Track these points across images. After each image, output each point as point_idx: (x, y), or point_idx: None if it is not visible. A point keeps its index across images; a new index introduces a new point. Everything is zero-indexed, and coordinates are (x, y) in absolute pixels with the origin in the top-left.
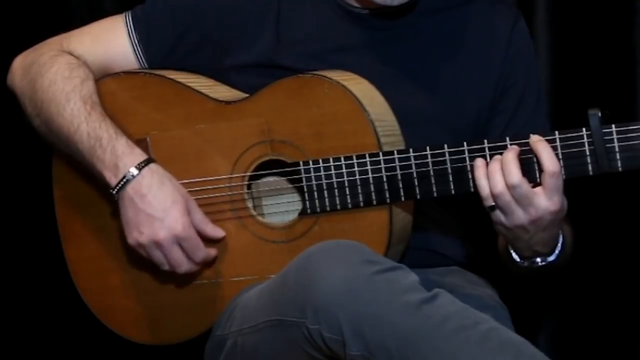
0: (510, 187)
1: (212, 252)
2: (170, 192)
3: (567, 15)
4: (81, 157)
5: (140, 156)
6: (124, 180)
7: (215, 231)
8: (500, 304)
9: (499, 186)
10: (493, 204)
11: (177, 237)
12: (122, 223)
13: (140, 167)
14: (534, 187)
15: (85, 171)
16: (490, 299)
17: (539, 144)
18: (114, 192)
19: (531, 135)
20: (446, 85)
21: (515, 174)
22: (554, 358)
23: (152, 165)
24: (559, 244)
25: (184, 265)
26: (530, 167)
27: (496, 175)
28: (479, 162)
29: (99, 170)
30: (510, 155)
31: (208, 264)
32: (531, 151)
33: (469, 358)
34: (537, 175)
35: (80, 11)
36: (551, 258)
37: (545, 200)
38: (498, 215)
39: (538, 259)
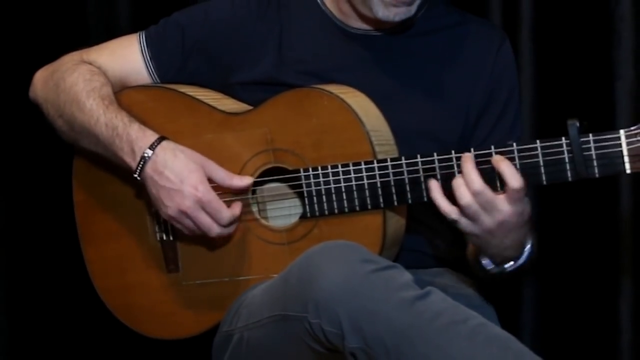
0: (475, 194)
1: (237, 210)
2: (185, 164)
3: (550, 32)
4: (103, 148)
5: (152, 137)
6: (142, 162)
7: (243, 180)
8: (487, 303)
9: (466, 198)
10: (454, 217)
11: (199, 202)
12: (150, 202)
13: (153, 147)
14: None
15: (102, 177)
16: (478, 298)
17: (501, 163)
18: (136, 175)
19: (493, 154)
20: (436, 101)
21: (477, 182)
22: (537, 353)
23: (163, 143)
24: (528, 246)
25: (213, 228)
26: (492, 176)
27: (460, 188)
28: (433, 184)
29: (120, 158)
30: (470, 166)
31: (216, 264)
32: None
33: (459, 351)
34: (498, 185)
35: (97, 31)
36: (520, 261)
37: (508, 204)
38: (466, 224)
39: (506, 265)
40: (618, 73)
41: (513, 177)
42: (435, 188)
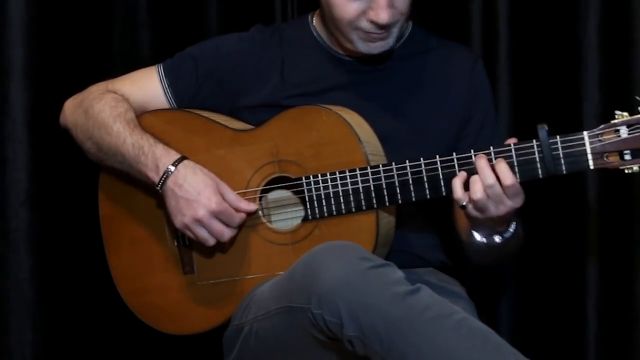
0: (487, 187)
1: (252, 207)
2: (202, 179)
3: (525, 58)
4: (128, 165)
5: (175, 155)
6: (165, 176)
7: (249, 205)
8: (468, 300)
9: (479, 193)
10: (464, 203)
11: (213, 212)
12: (168, 213)
13: (176, 163)
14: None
15: (125, 191)
16: (460, 296)
17: (498, 164)
18: (158, 187)
19: (473, 156)
20: (417, 115)
21: (489, 176)
22: (513, 345)
23: (185, 161)
24: (513, 224)
25: (225, 233)
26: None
27: (476, 184)
28: (462, 174)
29: (144, 173)
30: (483, 162)
31: (227, 265)
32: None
33: (445, 341)
34: None
35: (122, 60)
36: (507, 234)
37: (511, 200)
38: (472, 211)
39: (497, 238)
40: (586, 96)
41: (507, 176)
42: (461, 176)
